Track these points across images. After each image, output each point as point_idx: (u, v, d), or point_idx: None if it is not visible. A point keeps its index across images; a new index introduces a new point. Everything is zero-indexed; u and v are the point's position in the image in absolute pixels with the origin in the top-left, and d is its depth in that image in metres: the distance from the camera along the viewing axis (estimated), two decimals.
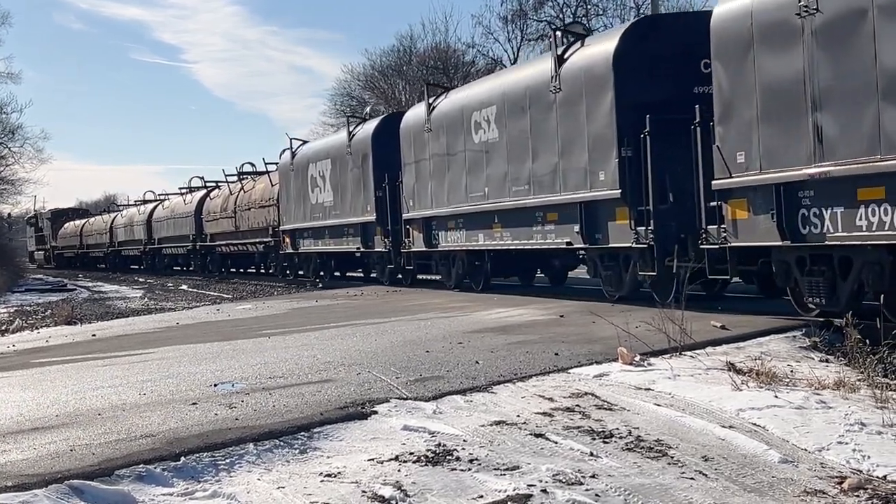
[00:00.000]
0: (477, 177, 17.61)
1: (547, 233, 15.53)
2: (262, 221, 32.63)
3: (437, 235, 19.77)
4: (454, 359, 9.44)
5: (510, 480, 5.38)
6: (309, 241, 27.51)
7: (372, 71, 53.83)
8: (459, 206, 18.40)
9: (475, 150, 17.62)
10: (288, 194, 28.65)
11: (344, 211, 24.33)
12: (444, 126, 18.99)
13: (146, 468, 5.76)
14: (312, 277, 27.83)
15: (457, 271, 19.64)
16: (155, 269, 49.30)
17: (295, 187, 27.96)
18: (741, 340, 9.75)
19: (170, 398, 8.09)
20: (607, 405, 7.24)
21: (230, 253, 38.25)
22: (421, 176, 20.11)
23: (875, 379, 7.52)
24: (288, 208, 28.70)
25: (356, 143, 23.46)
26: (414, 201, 20.48)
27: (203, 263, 41.75)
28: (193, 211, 41.19)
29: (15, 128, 55.63)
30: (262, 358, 10.42)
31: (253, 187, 34.55)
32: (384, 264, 23.19)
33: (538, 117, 15.41)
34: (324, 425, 6.71)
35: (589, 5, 44.82)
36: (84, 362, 11.48)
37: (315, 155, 26.74)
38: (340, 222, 24.65)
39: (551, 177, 15.10)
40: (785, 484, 5.43)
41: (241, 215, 34.90)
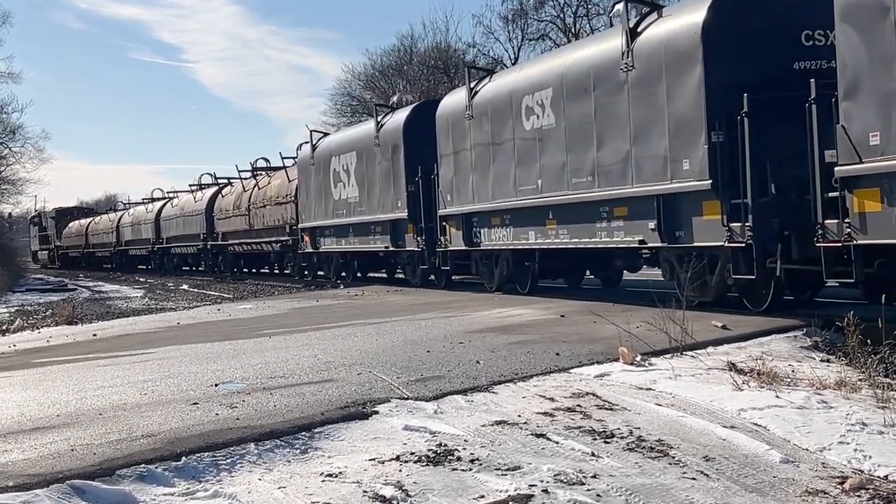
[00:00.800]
0: (528, 168, 15.96)
1: (613, 230, 13.89)
2: (278, 219, 31.05)
3: (478, 233, 18.19)
4: (455, 358, 9.44)
5: (511, 480, 5.38)
6: (331, 239, 25.98)
7: (373, 70, 53.88)
8: (506, 200, 16.78)
9: (526, 139, 15.99)
10: (307, 190, 27.07)
11: (371, 207, 22.72)
12: (488, 112, 17.39)
13: (147, 468, 5.76)
14: (333, 278, 26.35)
15: (500, 272, 18.00)
16: (163, 270, 47.94)
17: (315, 183, 26.35)
18: (742, 340, 9.75)
19: (171, 398, 8.09)
20: (608, 405, 7.24)
21: (243, 252, 36.63)
22: (460, 168, 18.54)
23: (876, 379, 7.52)
24: (307, 205, 27.12)
25: (385, 133, 21.81)
26: (452, 196, 18.91)
27: (214, 263, 40.25)
28: (204, 209, 39.73)
29: (16, 127, 55.68)
30: (263, 358, 10.42)
31: (268, 183, 32.95)
32: (415, 265, 21.63)
33: (605, 100, 13.83)
34: (325, 425, 6.70)
35: (590, 5, 44.81)
36: (85, 362, 11.48)
37: (338, 147, 25.14)
38: (367, 219, 23.07)
39: (621, 166, 13.51)
40: (786, 484, 5.43)
41: (255, 213, 33.45)
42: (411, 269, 22.05)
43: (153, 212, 48.73)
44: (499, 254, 17.93)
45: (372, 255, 24.37)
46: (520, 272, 17.44)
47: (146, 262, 52.53)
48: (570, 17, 45.62)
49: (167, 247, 46.57)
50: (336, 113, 55.35)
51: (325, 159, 25.65)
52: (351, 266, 25.88)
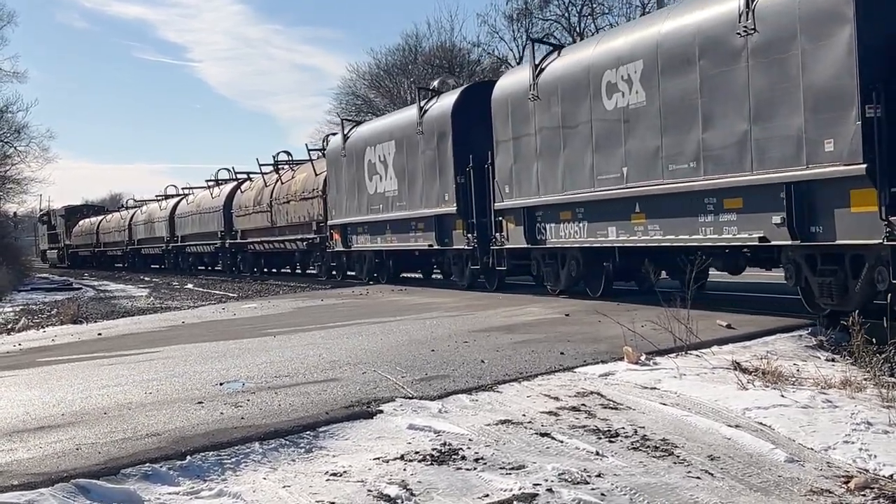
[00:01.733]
0: (609, 154, 13.84)
1: (723, 225, 11.76)
2: (303, 216, 29.06)
3: (542, 229, 16.06)
4: (459, 358, 9.44)
5: (516, 479, 5.38)
6: (364, 237, 23.90)
7: (377, 70, 53.90)
8: (580, 192, 14.70)
9: (608, 120, 13.85)
10: (338, 184, 24.97)
11: (412, 202, 20.68)
12: (557, 92, 15.21)
13: (152, 467, 5.76)
14: (365, 279, 24.53)
15: (568, 273, 15.86)
16: (178, 269, 45.77)
17: (347, 176, 24.25)
18: (747, 339, 9.73)
19: (175, 397, 8.10)
20: (613, 404, 7.23)
21: (264, 251, 34.59)
22: (522, 156, 16.39)
23: (881, 378, 7.51)
24: (338, 200, 25.05)
25: (430, 120, 19.67)
26: (511, 187, 16.82)
27: (232, 263, 38.20)
28: (222, 205, 37.61)
29: (20, 127, 55.79)
30: (268, 357, 10.42)
31: (292, 177, 30.81)
32: (463, 264, 19.58)
33: (714, 71, 11.68)
34: (329, 424, 6.70)
35: (594, 4, 44.75)
36: (90, 361, 11.49)
37: (374, 136, 22.92)
38: (407, 215, 20.98)
39: (735, 150, 11.37)
40: (791, 483, 5.42)
41: (277, 209, 31.31)
42: (459, 270, 20.03)
43: (167, 209, 46.59)
44: (565, 252, 15.85)
45: (408, 255, 22.72)
46: (591, 273, 15.41)
47: (160, 261, 50.73)
48: (575, 17, 45.60)
49: (182, 245, 44.57)
50: (341, 112, 55.37)
51: (358, 150, 23.61)
52: (386, 266, 23.96)
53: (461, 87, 21.12)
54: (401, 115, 22.62)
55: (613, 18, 43.00)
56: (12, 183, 59.44)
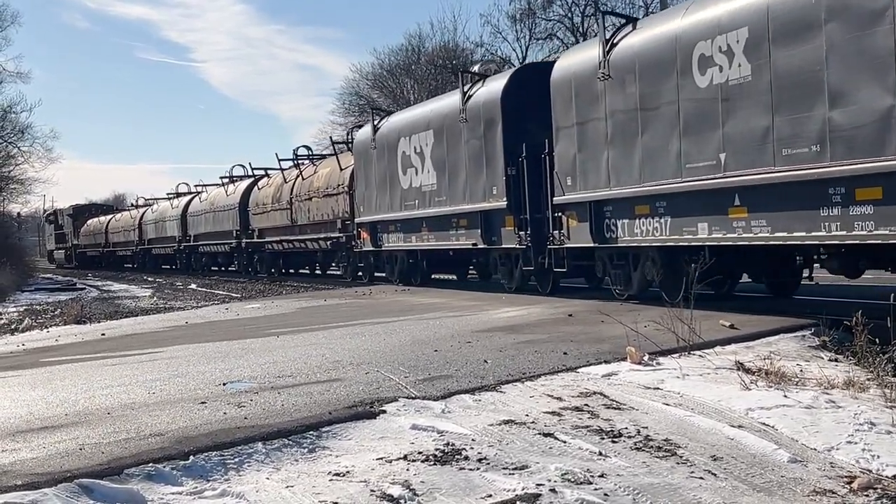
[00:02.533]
0: (702, 138, 12.01)
1: (853, 220, 10.00)
2: (327, 213, 27.29)
3: (612, 225, 14.19)
4: (462, 358, 9.44)
5: (519, 480, 5.38)
6: (397, 235, 22.06)
7: (380, 70, 53.96)
8: (662, 182, 12.84)
9: (700, 99, 12.03)
10: (367, 178, 23.23)
11: (453, 196, 18.81)
12: (635, 69, 13.36)
13: (155, 467, 5.77)
14: (396, 280, 22.93)
15: (641, 276, 14.05)
16: (190, 270, 44.17)
17: (378, 169, 22.47)
18: (750, 340, 9.73)
19: (179, 397, 8.10)
20: (616, 404, 7.23)
21: (283, 251, 32.89)
22: (588, 143, 14.52)
23: (884, 378, 7.50)
24: (366, 196, 23.31)
25: (475, 106, 17.88)
26: (574, 179, 14.91)
27: (249, 263, 36.43)
28: (238, 203, 35.96)
29: (24, 127, 55.92)
30: (271, 357, 10.43)
31: (314, 173, 29.01)
32: (512, 265, 17.73)
33: (847, 36, 9.95)
34: (332, 424, 6.71)
35: (598, 4, 44.72)
36: (93, 361, 11.51)
37: (409, 126, 21.07)
38: (448, 211, 19.10)
39: (876, 129, 9.66)
40: (794, 483, 5.42)
41: (298, 206, 29.56)
42: (506, 271, 18.03)
43: (179, 207, 44.84)
44: (639, 252, 13.98)
45: (443, 255, 21.20)
46: (670, 276, 13.32)
47: (171, 261, 49.10)
48: (578, 17, 45.63)
49: (195, 245, 42.77)
50: (344, 112, 55.50)
51: (390, 142, 21.78)
52: (419, 267, 22.21)
53: (510, 69, 19.56)
54: (440, 102, 20.56)
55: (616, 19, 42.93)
56: (16, 183, 59.65)
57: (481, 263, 21.07)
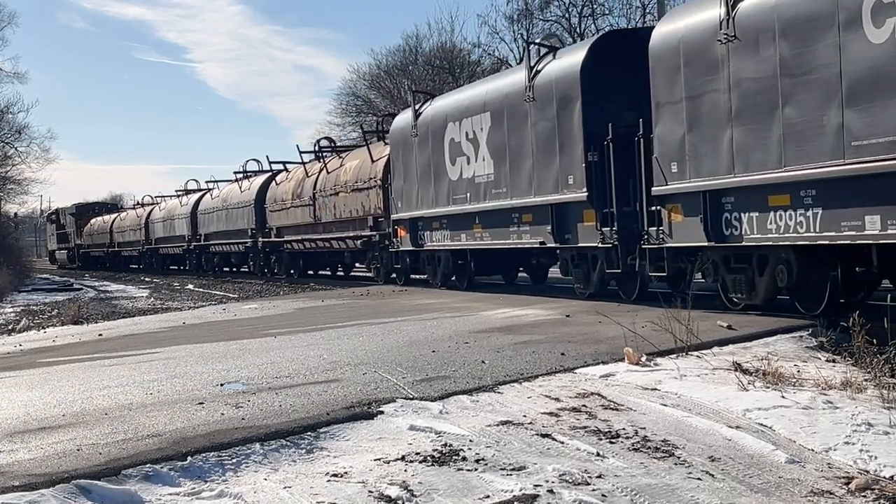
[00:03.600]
0: (875, 109, 9.47)
1: None
2: (356, 209, 25.09)
3: (733, 220, 11.74)
4: (460, 358, 9.44)
5: (516, 480, 5.38)
6: (442, 233, 19.67)
7: (378, 70, 53.97)
8: (810, 165, 10.35)
9: (874, 59, 9.47)
10: (406, 170, 21.04)
11: (516, 187, 16.49)
12: (775, 27, 10.79)
13: (153, 468, 5.77)
14: (438, 284, 20.69)
15: (771, 281, 11.50)
16: (201, 271, 41.99)
17: (420, 160, 20.30)
18: (748, 340, 9.74)
19: (176, 398, 8.10)
20: (614, 405, 7.23)
21: (305, 251, 30.52)
22: (702, 120, 12.08)
23: (882, 379, 7.50)
24: (405, 190, 21.09)
25: (546, 83, 15.52)
26: (681, 164, 12.49)
27: (266, 264, 34.12)
28: (253, 200, 33.63)
29: (21, 127, 55.95)
30: (269, 357, 10.43)
31: (341, 165, 26.73)
32: (589, 267, 15.24)
33: None
34: (330, 425, 6.71)
35: (595, 5, 44.81)
36: (90, 362, 11.50)
37: (460, 109, 18.65)
38: (508, 205, 16.76)
39: None
40: (792, 484, 5.42)
41: (323, 203, 27.30)
42: (582, 274, 15.52)
43: (189, 205, 42.41)
44: (768, 254, 11.54)
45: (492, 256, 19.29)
46: (809, 281, 11.15)
47: (180, 262, 46.89)
48: (576, 17, 45.65)
49: (206, 245, 40.42)
50: (341, 113, 55.50)
51: (435, 128, 19.55)
52: (466, 269, 19.84)
53: (589, 39, 17.69)
54: (500, 80, 18.04)
55: (614, 19, 43.08)
56: (13, 184, 59.66)
57: (540, 265, 19.20)
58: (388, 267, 23.54)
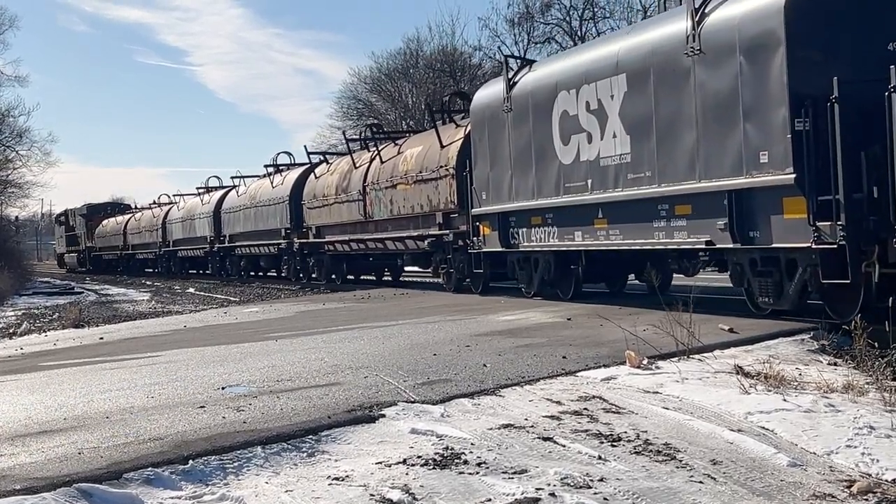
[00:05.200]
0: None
1: None
2: (421, 204, 21.05)
3: None
4: (462, 362, 9.43)
5: (518, 484, 5.38)
6: (545, 230, 15.81)
7: (378, 74, 53.99)
8: None
9: None
10: (493, 155, 17.21)
11: (666, 170, 12.56)
12: None
13: (154, 471, 5.76)
14: (532, 291, 16.82)
15: None
16: (225, 276, 38.27)
17: (515, 140, 16.47)
18: (749, 343, 9.72)
19: (177, 401, 8.09)
20: (615, 408, 7.23)
21: (352, 253, 26.43)
22: None
23: (884, 382, 7.50)
24: (493, 178, 17.24)
25: (723, 29, 11.57)
26: None
27: (302, 267, 30.16)
28: (288, 196, 29.80)
29: (22, 131, 55.98)
30: (270, 361, 10.42)
31: (399, 153, 22.79)
32: (782, 276, 11.23)
33: None
34: (331, 428, 6.70)
35: (595, 8, 44.83)
36: (92, 365, 11.49)
37: (575, 75, 14.77)
38: (653, 193, 12.84)
39: None
40: (794, 488, 5.41)
41: (375, 197, 23.52)
42: (772, 285, 11.37)
43: (211, 203, 38.97)
44: None
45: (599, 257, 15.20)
46: None
47: (202, 265, 43.42)
48: (577, 21, 45.65)
49: (230, 247, 36.66)
50: (342, 116, 55.53)
51: (539, 100, 15.77)
52: (573, 274, 15.91)
53: None
54: (641, 34, 13.77)
55: (615, 22, 43.08)
56: (14, 187, 59.68)
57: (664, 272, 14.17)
58: (463, 271, 19.57)
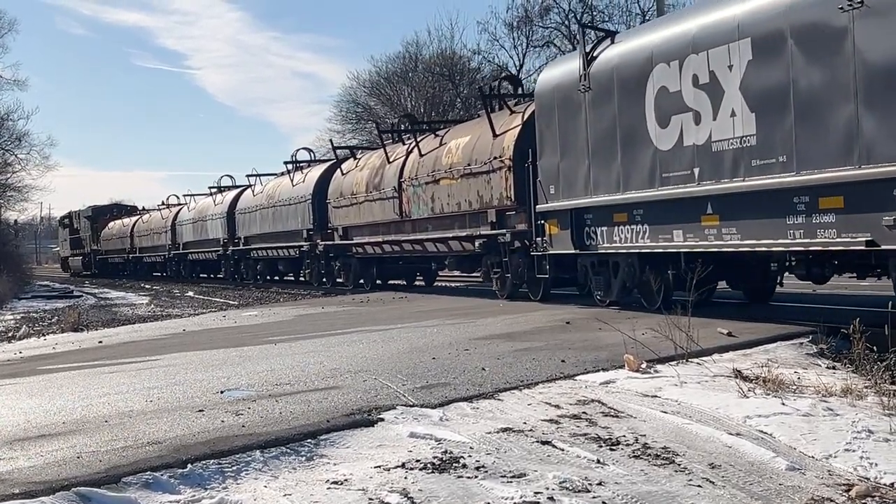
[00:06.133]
0: None
1: None
2: (470, 200, 18.79)
3: None
4: (460, 365, 9.43)
5: (517, 488, 5.38)
6: (633, 229, 13.53)
7: (378, 77, 54.01)
8: None
9: None
10: (565, 141, 14.96)
11: (808, 153, 10.41)
12: None
13: (153, 475, 5.76)
14: (608, 300, 14.65)
15: None
16: (240, 280, 36.42)
17: (595, 124, 14.23)
18: (748, 347, 9.73)
19: (176, 405, 8.09)
20: (614, 412, 7.23)
21: (383, 256, 24.41)
22: None
23: (882, 386, 7.50)
24: (564, 170, 15.03)
25: None
26: None
27: (327, 271, 28.00)
28: (310, 194, 27.87)
29: (21, 135, 56.00)
30: (269, 364, 10.42)
31: (441, 145, 20.71)
32: None
33: None
34: (330, 432, 6.70)
35: (595, 12, 44.90)
36: (91, 369, 11.49)
37: (679, 44, 12.52)
38: (789, 182, 10.66)
39: None
40: (792, 491, 5.42)
41: (414, 194, 21.47)
42: None
43: (224, 203, 37.21)
44: None
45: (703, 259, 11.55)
46: None
47: (214, 268, 41.12)
48: (575, 24, 45.68)
49: (245, 249, 34.81)
50: (341, 120, 55.54)
51: (627, 75, 13.59)
52: (664, 280, 13.33)
53: None
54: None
55: (613, 26, 43.14)
56: (13, 191, 59.70)
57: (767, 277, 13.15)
58: (521, 276, 17.21)
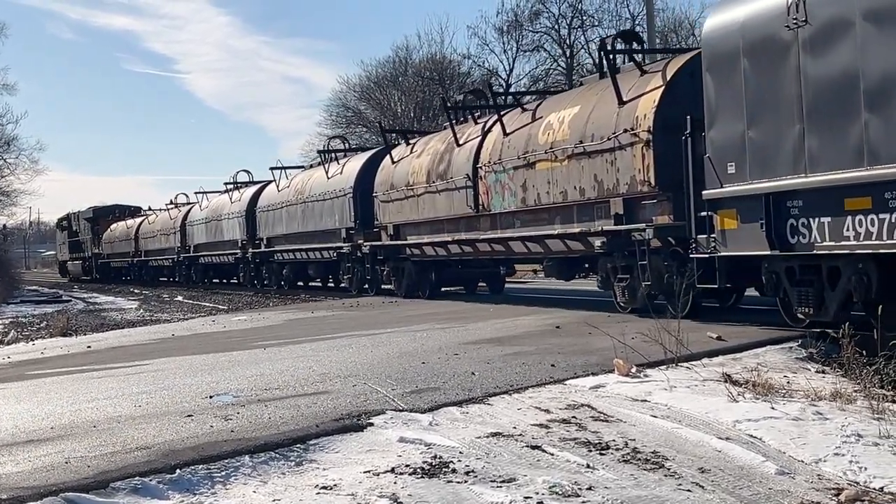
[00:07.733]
0: None
1: None
2: (583, 187, 14.83)
3: None
4: (450, 370, 9.42)
5: (507, 493, 5.37)
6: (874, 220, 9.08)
7: (367, 82, 54.02)
8: None
9: None
10: (752, 103, 10.76)
11: None
12: None
13: (142, 481, 5.74)
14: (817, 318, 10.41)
15: None
16: (261, 286, 32.54)
17: (811, 74, 9.80)
18: (737, 351, 9.74)
19: (165, 410, 8.07)
20: (604, 417, 7.23)
21: (448, 258, 20.44)
22: None
23: (871, 390, 7.52)
24: (751, 141, 10.76)
25: None
26: None
27: (372, 277, 23.79)
28: (350, 188, 24.29)
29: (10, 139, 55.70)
30: (258, 369, 10.40)
31: (534, 120, 16.66)
32: None
33: None
34: (319, 437, 6.69)
35: (584, 17, 45.01)
36: (79, 374, 11.45)
37: None
38: None
39: None
40: (781, 496, 5.42)
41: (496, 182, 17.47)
42: None
43: (242, 201, 33.78)
44: None
45: None
46: None
47: (230, 273, 37.54)
48: (565, 29, 45.82)
49: (268, 252, 31.22)
50: (331, 124, 55.49)
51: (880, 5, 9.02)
52: None
53: None
54: None
55: (603, 31, 43.27)
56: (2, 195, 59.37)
57: None
58: (660, 284, 13.23)
